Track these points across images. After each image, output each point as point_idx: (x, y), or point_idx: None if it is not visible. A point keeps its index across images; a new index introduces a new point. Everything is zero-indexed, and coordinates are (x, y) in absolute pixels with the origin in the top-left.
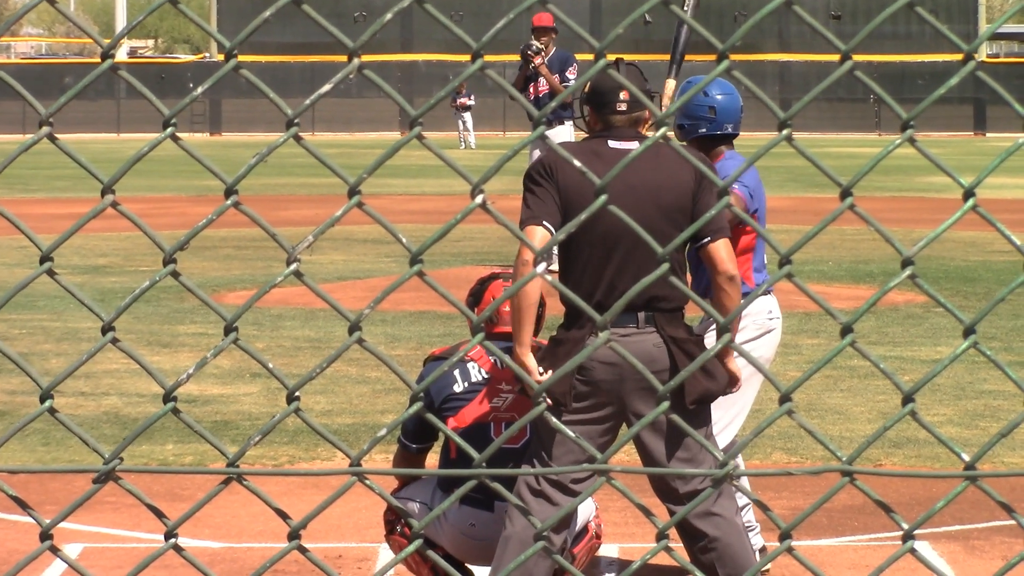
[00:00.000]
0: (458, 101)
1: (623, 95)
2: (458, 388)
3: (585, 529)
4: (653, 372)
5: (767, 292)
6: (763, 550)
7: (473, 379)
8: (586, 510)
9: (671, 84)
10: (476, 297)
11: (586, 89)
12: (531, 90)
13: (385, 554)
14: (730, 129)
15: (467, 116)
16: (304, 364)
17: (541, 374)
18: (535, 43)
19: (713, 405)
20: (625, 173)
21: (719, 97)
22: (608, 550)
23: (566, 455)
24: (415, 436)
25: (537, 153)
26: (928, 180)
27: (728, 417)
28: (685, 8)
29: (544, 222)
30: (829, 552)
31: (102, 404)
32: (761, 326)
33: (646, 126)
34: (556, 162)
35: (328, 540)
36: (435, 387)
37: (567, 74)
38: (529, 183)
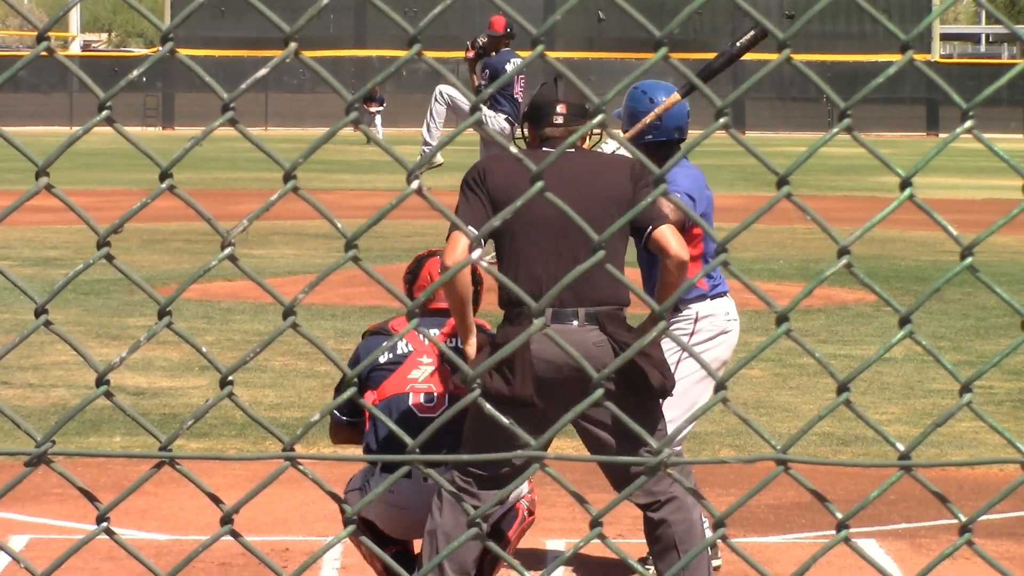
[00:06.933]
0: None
1: (560, 108)
2: (383, 359)
3: (516, 510)
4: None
5: (724, 294)
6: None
7: (398, 351)
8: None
9: (675, 98)
10: (413, 275)
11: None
12: (473, 81)
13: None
14: (677, 136)
15: (376, 119)
16: (254, 358)
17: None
18: (479, 38)
19: (663, 406)
20: (561, 169)
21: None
22: (555, 545)
23: (500, 446)
24: (346, 409)
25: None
26: (880, 180)
27: (677, 418)
28: (731, 45)
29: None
30: (776, 549)
31: (50, 396)
32: (718, 328)
33: (586, 141)
34: (488, 168)
35: (275, 533)
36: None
37: (506, 66)
38: (464, 188)
